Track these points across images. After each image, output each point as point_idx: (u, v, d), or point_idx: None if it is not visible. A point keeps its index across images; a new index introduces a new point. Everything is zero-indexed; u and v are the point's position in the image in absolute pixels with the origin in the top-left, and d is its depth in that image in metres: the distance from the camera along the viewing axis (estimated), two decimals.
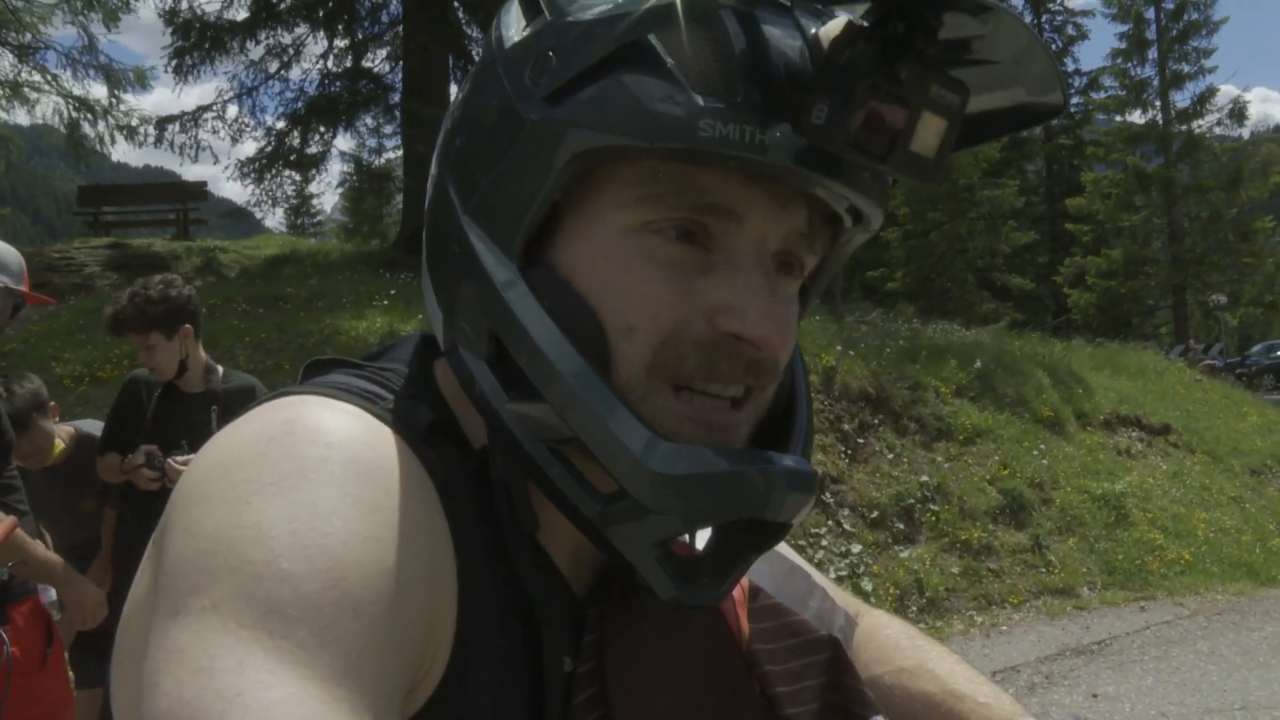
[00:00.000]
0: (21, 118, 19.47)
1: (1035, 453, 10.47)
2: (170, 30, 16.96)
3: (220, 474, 0.62)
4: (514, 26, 0.73)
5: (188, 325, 3.72)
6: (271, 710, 0.50)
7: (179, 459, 3.59)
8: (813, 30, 0.67)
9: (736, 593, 0.89)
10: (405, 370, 0.79)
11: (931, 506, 8.94)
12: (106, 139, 18.98)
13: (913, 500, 8.87)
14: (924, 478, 9.23)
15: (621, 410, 0.66)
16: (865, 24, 0.63)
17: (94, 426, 3.99)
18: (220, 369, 3.92)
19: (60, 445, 3.78)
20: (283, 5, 17.13)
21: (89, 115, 18.87)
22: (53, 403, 3.81)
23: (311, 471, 0.61)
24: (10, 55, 18.09)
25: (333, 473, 0.61)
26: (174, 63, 17.08)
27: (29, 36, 17.97)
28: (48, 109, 19.00)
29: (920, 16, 0.63)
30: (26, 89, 18.39)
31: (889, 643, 1.02)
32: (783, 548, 1.06)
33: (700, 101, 0.63)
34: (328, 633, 0.55)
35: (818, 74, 0.64)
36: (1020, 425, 10.96)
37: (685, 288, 0.68)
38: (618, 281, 0.68)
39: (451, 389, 0.78)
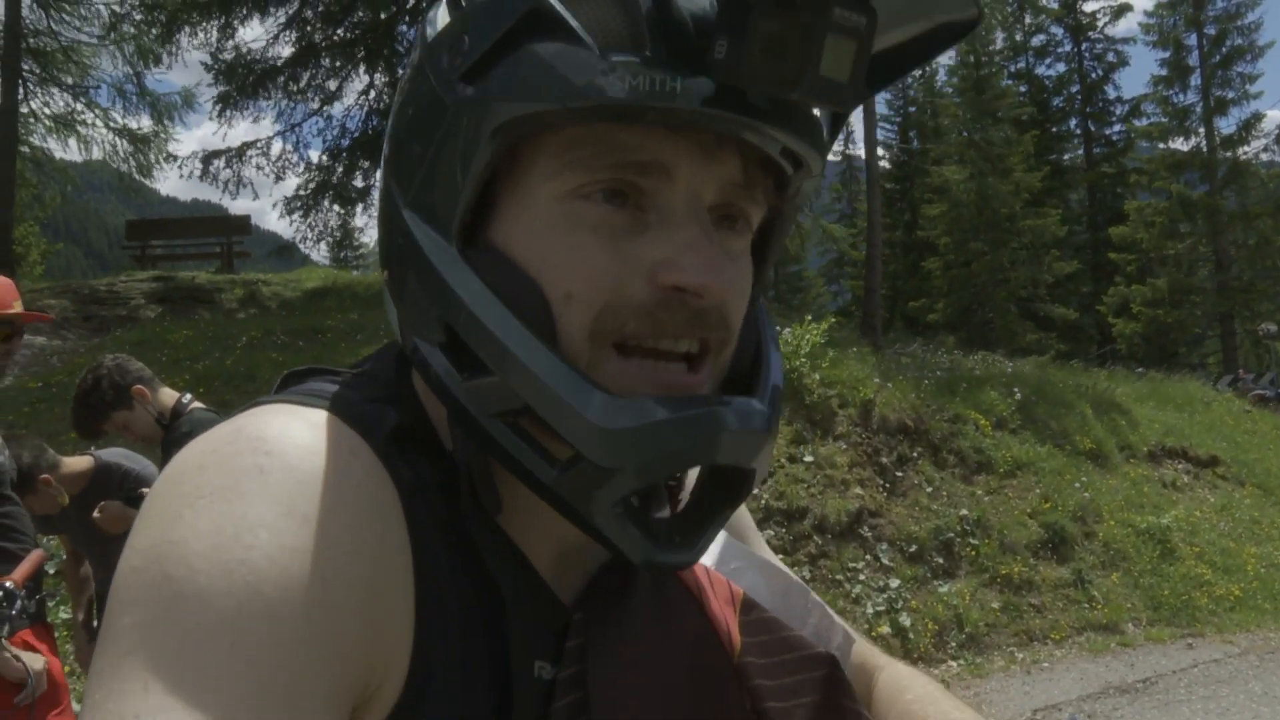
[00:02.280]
0: (74, 154, 19.95)
1: (1077, 485, 10.31)
2: (212, 74, 17.24)
3: (164, 489, 0.62)
4: (439, 23, 0.74)
5: (136, 386, 3.69)
6: None
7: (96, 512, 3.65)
8: None
9: (729, 604, 0.87)
10: (384, 376, 0.79)
11: (971, 540, 8.82)
12: (155, 167, 19.40)
13: (952, 534, 8.76)
14: (963, 511, 9.12)
15: (567, 371, 0.66)
16: None
17: (114, 455, 3.99)
18: (189, 408, 3.80)
19: (65, 501, 3.77)
20: (323, 43, 17.38)
21: (138, 146, 19.28)
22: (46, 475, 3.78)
23: (246, 482, 0.61)
24: (65, 94, 18.52)
25: (267, 483, 0.61)
26: (218, 108, 17.35)
27: (77, 74, 18.39)
28: (101, 144, 19.38)
29: None
30: (79, 125, 18.84)
31: (912, 711, 0.96)
32: (780, 565, 1.04)
33: (609, 58, 0.64)
34: (239, 649, 0.54)
35: (718, 12, 0.64)
36: (1062, 458, 10.81)
37: (619, 250, 0.68)
38: (553, 250, 0.68)
39: (427, 392, 0.78)
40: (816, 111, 0.72)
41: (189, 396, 3.80)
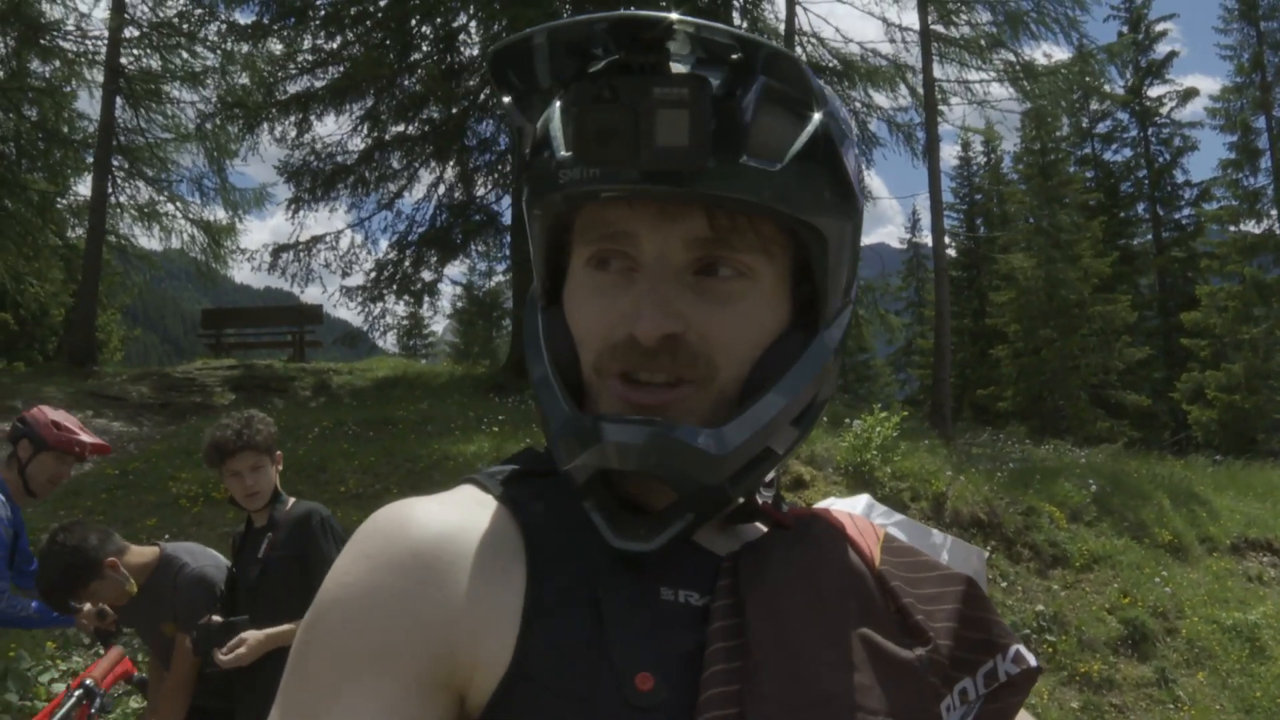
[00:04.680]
0: (155, 242, 20.56)
1: (1157, 580, 10.01)
2: (284, 177, 17.76)
3: None
4: None
5: (280, 452, 3.94)
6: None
7: (224, 654, 3.55)
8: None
9: (870, 535, 1.00)
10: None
11: (1048, 637, 8.58)
12: (230, 257, 20.02)
13: (1028, 630, 8.54)
14: (1039, 607, 8.90)
15: (554, 396, 0.87)
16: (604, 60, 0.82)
17: (178, 549, 4.01)
18: (290, 500, 3.97)
19: (133, 589, 3.78)
20: (393, 140, 17.82)
21: (215, 239, 19.90)
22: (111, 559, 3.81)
23: (357, 549, 0.84)
24: (150, 187, 19.20)
25: (369, 546, 0.83)
26: (292, 210, 17.85)
27: (160, 167, 19.06)
28: (179, 234, 20.04)
29: (627, 43, 0.80)
30: (161, 217, 19.49)
31: None
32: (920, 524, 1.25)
33: (560, 156, 0.83)
34: (329, 658, 0.79)
35: (576, 112, 0.80)
36: (1140, 550, 10.53)
37: (608, 305, 0.85)
38: (577, 307, 0.89)
39: None
40: (758, 162, 0.81)
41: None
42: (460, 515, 0.85)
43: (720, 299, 0.85)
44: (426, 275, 18.49)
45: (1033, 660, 0.95)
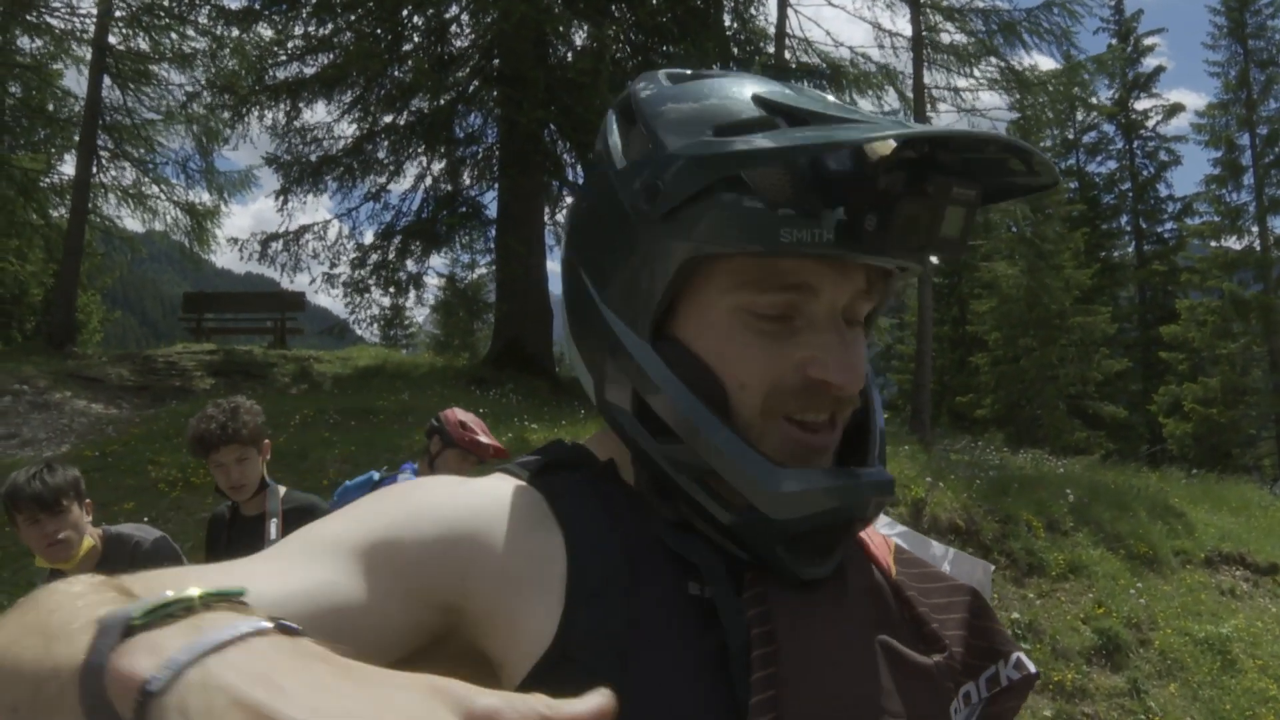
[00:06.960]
0: (137, 224, 20.44)
1: (1132, 591, 10.08)
2: (273, 168, 17.64)
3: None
4: (620, 145, 0.96)
5: (267, 441, 3.84)
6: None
7: None
8: (861, 156, 0.88)
9: (883, 546, 1.08)
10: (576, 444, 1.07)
11: (1023, 645, 8.61)
12: (214, 243, 19.95)
13: None
14: (1015, 615, 8.95)
15: (744, 447, 0.87)
16: (897, 156, 0.84)
17: (121, 529, 3.75)
18: (281, 489, 3.88)
19: (90, 543, 3.54)
20: (381, 130, 17.74)
21: (199, 223, 19.81)
22: (89, 500, 3.62)
23: (416, 487, 0.93)
24: (135, 169, 19.09)
25: (430, 490, 0.93)
26: (280, 200, 17.74)
27: (146, 148, 18.96)
28: (163, 217, 19.93)
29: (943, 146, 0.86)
30: (148, 199, 19.40)
31: None
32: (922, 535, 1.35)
33: (778, 214, 0.84)
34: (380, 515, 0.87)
35: (869, 194, 0.83)
36: (1116, 561, 10.59)
37: (778, 350, 0.89)
38: (728, 350, 0.90)
39: (601, 441, 1.05)
40: None
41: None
42: (505, 493, 0.93)
43: (858, 342, 0.94)
44: (411, 266, 18.39)
45: (1032, 667, 1.03)
